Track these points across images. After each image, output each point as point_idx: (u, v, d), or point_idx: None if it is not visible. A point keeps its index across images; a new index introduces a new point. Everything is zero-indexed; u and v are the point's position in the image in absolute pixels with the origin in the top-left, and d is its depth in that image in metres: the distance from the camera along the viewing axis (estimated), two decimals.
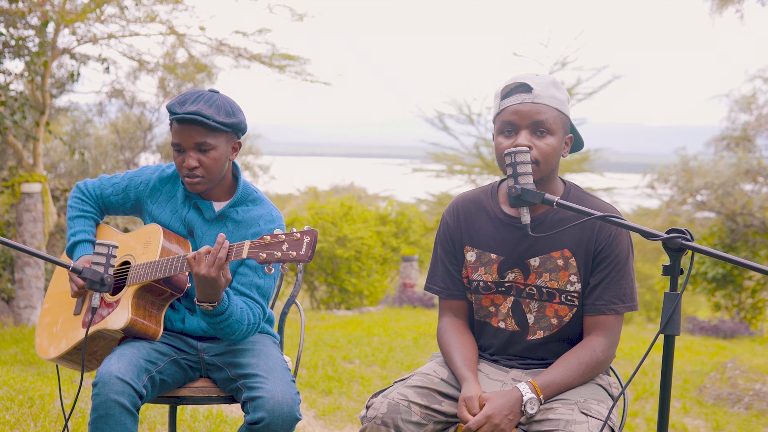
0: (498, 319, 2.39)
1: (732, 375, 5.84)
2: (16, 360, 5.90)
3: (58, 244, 11.43)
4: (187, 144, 2.51)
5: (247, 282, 2.56)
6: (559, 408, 2.18)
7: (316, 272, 13.12)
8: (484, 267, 2.37)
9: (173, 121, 2.53)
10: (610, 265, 2.28)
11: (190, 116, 2.47)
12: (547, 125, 2.25)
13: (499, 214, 2.37)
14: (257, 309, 2.55)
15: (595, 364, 2.26)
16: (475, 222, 2.40)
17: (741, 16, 9.88)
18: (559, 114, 2.27)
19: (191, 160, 2.51)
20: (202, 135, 2.50)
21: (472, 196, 2.45)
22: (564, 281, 2.30)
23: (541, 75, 2.30)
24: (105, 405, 2.30)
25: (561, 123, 2.27)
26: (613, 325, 2.29)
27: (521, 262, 2.33)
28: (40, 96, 9.33)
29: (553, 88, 2.27)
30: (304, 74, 11.68)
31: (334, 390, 5.16)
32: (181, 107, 2.50)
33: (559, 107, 2.27)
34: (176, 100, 2.53)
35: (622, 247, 2.29)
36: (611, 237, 2.28)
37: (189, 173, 2.53)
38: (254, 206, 2.66)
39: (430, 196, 23.12)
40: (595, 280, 2.29)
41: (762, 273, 1.75)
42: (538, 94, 2.25)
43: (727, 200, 13.25)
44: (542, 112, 2.24)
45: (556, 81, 2.30)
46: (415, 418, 2.20)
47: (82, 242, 2.69)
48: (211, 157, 2.52)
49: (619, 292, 2.28)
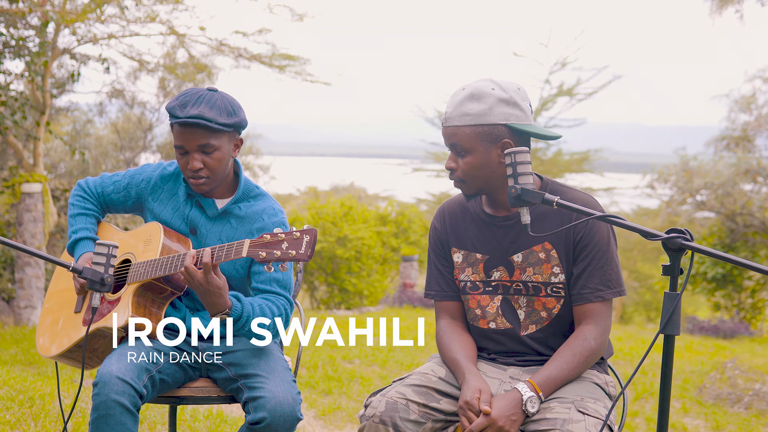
0: (487, 320, 2.41)
1: (732, 375, 5.85)
2: (16, 360, 5.90)
3: (58, 244, 11.43)
4: (190, 146, 2.51)
5: (265, 279, 2.56)
6: (555, 407, 2.19)
7: (316, 272, 13.12)
8: (471, 267, 2.42)
9: (175, 124, 2.53)
10: (591, 252, 2.30)
11: (192, 120, 2.47)
12: (461, 146, 2.29)
13: (480, 214, 2.42)
14: (280, 300, 2.55)
15: (589, 353, 2.28)
16: (460, 224, 2.45)
17: (741, 17, 9.88)
18: (474, 129, 2.26)
19: (195, 162, 2.51)
20: (205, 137, 2.50)
21: (457, 200, 2.50)
22: (548, 274, 2.33)
23: (469, 86, 2.30)
24: (105, 405, 2.30)
25: (479, 137, 2.26)
26: (602, 312, 2.31)
27: (505, 260, 2.37)
28: (41, 96, 9.33)
29: (469, 103, 2.27)
30: (304, 74, 11.68)
31: (334, 390, 5.16)
32: (183, 110, 2.48)
33: (474, 122, 2.26)
34: (176, 102, 2.52)
35: (602, 234, 2.31)
36: (589, 225, 2.30)
37: (194, 175, 2.54)
38: (256, 201, 2.67)
39: (430, 196, 23.11)
40: (578, 269, 2.32)
41: (762, 273, 1.75)
42: (449, 117, 2.30)
43: (727, 200, 13.25)
44: (454, 135, 2.30)
45: (476, 92, 2.28)
46: (414, 417, 2.21)
47: (84, 239, 2.69)
48: (215, 158, 2.53)
49: (604, 278, 2.30)
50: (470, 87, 2.30)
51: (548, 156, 19.44)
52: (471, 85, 2.30)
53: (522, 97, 2.30)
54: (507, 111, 2.26)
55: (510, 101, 2.27)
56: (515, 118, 2.27)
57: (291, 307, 2.58)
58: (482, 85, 2.29)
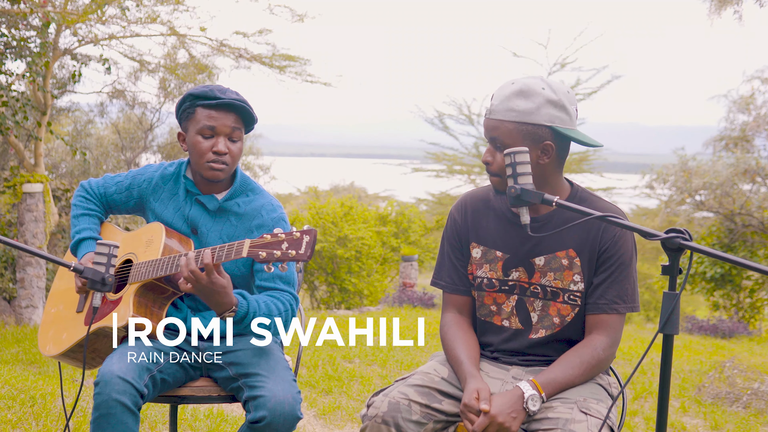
0: (501, 317, 2.40)
1: (730, 374, 5.86)
2: (17, 359, 5.91)
3: (59, 244, 11.44)
4: (222, 129, 2.55)
5: (268, 276, 2.57)
6: (558, 407, 2.18)
7: (316, 272, 13.13)
8: (489, 264, 2.39)
9: (204, 107, 2.55)
10: (614, 265, 2.29)
11: (236, 102, 2.54)
12: (502, 140, 2.24)
13: (506, 212, 2.38)
14: (285, 296, 2.56)
15: (596, 362, 2.27)
16: (482, 219, 2.42)
17: (739, 17, 9.88)
18: (518, 126, 2.22)
19: (223, 146, 2.55)
20: (238, 122, 2.57)
21: (481, 194, 2.46)
22: (568, 281, 2.32)
23: (519, 81, 2.25)
24: (106, 404, 2.31)
25: (522, 135, 2.22)
26: (615, 324, 2.30)
27: (526, 261, 2.35)
28: (42, 96, 9.34)
29: (516, 99, 2.22)
30: (304, 75, 11.70)
31: (334, 389, 5.17)
32: (223, 92, 2.55)
33: (519, 119, 2.21)
34: (206, 88, 2.56)
35: (626, 248, 2.30)
36: (616, 237, 2.29)
37: (217, 159, 2.56)
38: (254, 196, 2.69)
39: (430, 196, 23.11)
40: (598, 279, 2.30)
41: (760, 272, 1.76)
42: (494, 109, 2.25)
43: (726, 200, 13.27)
44: (496, 128, 2.25)
45: (525, 88, 2.23)
46: (416, 417, 2.21)
47: (87, 239, 2.70)
48: (237, 147, 2.59)
49: (621, 292, 2.29)
50: (520, 82, 2.24)
51: None
52: (521, 81, 2.25)
53: (570, 101, 2.25)
54: (554, 113, 2.22)
55: (558, 103, 2.22)
56: (561, 121, 2.23)
57: (296, 302, 2.59)
58: (533, 82, 2.23)
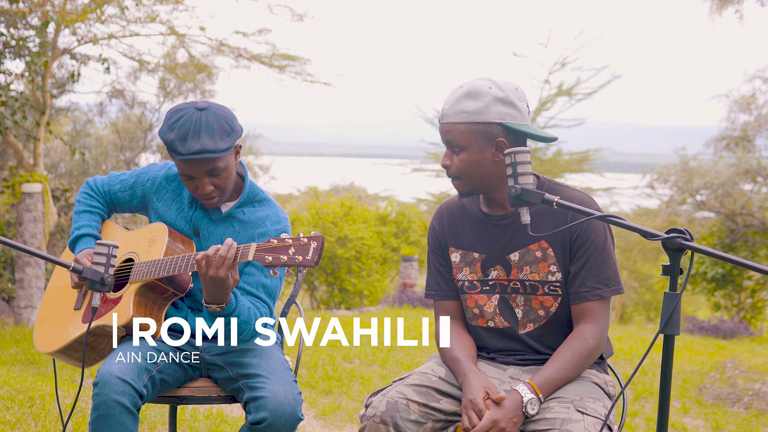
0: (486, 319, 2.42)
1: (731, 375, 5.85)
2: (16, 360, 5.91)
3: (58, 244, 11.44)
4: (198, 174, 2.48)
5: (254, 282, 2.57)
6: (555, 407, 2.19)
7: (316, 272, 13.12)
8: (469, 267, 2.43)
9: (175, 155, 2.47)
10: (588, 251, 2.30)
11: (194, 158, 2.43)
12: (456, 143, 2.29)
13: (477, 213, 2.42)
14: (264, 309, 2.56)
15: (588, 352, 2.28)
16: (458, 224, 2.46)
17: (740, 17, 9.88)
18: (469, 126, 2.26)
19: (207, 187, 2.50)
20: (211, 163, 2.46)
21: (455, 200, 2.51)
22: (545, 272, 2.34)
23: (466, 84, 2.31)
24: (105, 405, 2.31)
25: (474, 135, 2.26)
26: (600, 310, 2.31)
27: (502, 258, 2.37)
28: (41, 96, 9.33)
29: (465, 100, 2.27)
30: (304, 74, 11.68)
31: (334, 390, 5.16)
32: (183, 145, 2.42)
33: (469, 119, 2.26)
34: (175, 136, 2.44)
35: (598, 233, 2.31)
36: (585, 224, 2.30)
37: (205, 197, 2.53)
38: (261, 207, 2.66)
39: (430, 196, 23.11)
40: (575, 267, 2.32)
41: (761, 273, 1.75)
42: (445, 114, 2.31)
43: (727, 200, 13.26)
44: (449, 131, 2.30)
45: (473, 90, 2.28)
46: (414, 417, 2.22)
47: (85, 236, 2.69)
48: (223, 177, 2.51)
49: (601, 277, 2.30)
50: (467, 85, 2.30)
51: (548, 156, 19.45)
52: (468, 83, 2.31)
53: (519, 98, 2.30)
54: (503, 110, 2.26)
55: (506, 100, 2.27)
56: (511, 117, 2.27)
57: (271, 317, 2.59)
58: (479, 83, 2.29)
